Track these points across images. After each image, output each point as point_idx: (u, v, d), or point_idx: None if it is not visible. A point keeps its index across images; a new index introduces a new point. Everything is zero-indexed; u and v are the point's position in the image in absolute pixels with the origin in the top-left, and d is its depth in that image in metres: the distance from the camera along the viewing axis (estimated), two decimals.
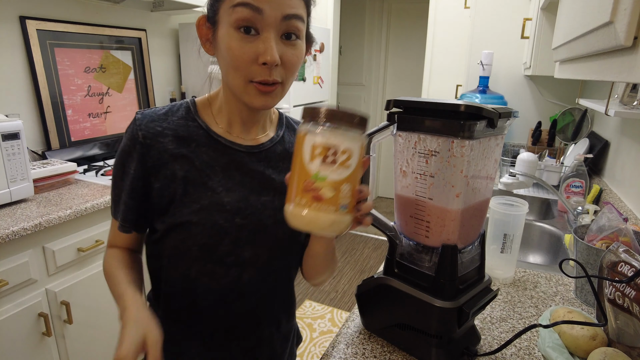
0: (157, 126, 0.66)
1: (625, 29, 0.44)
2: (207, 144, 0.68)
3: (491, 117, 0.59)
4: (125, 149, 0.67)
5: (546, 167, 1.83)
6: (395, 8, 4.15)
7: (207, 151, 0.67)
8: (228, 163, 0.68)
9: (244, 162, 0.69)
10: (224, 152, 0.68)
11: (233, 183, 0.68)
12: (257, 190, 0.69)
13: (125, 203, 0.68)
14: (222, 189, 0.67)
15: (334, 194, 0.50)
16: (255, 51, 0.58)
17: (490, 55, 2.24)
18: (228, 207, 0.66)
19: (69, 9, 1.87)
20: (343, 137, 0.50)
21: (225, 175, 0.68)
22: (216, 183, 0.67)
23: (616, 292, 0.67)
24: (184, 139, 0.67)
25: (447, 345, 0.69)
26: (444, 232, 0.65)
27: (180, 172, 0.65)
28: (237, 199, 0.67)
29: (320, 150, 0.49)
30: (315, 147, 0.50)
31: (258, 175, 0.70)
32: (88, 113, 2.00)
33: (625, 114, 1.07)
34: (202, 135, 0.68)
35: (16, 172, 1.33)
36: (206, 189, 0.66)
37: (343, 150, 0.50)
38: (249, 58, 0.58)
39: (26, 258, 1.24)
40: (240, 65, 0.59)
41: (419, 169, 0.65)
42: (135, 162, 0.66)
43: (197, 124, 0.68)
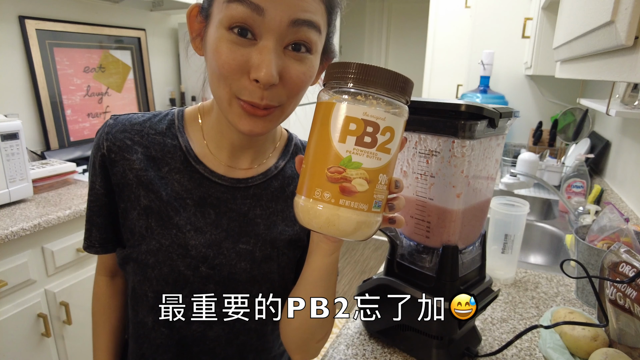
0: (127, 139, 0.56)
1: (626, 28, 0.44)
2: (181, 170, 0.56)
3: (492, 117, 0.58)
4: (90, 159, 0.59)
5: (547, 167, 1.83)
6: (395, 8, 4.16)
7: (181, 179, 0.56)
8: (203, 197, 0.57)
9: (224, 198, 0.57)
10: (201, 183, 0.57)
11: (205, 223, 0.56)
12: (234, 235, 0.57)
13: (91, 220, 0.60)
14: (190, 228, 0.56)
15: (369, 186, 0.38)
16: (247, 60, 0.45)
17: (491, 55, 2.23)
18: (193, 252, 0.55)
19: (68, 9, 1.87)
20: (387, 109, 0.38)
21: (197, 211, 0.56)
22: (184, 220, 0.55)
23: (617, 293, 0.67)
24: (154, 160, 0.56)
25: (447, 346, 0.69)
26: (444, 233, 0.65)
27: (144, 200, 0.55)
28: (206, 244, 0.56)
29: (356, 127, 0.37)
30: (350, 121, 0.37)
31: (239, 216, 0.58)
32: (87, 113, 2.00)
33: (627, 114, 1.07)
34: (178, 158, 0.57)
35: (15, 172, 1.33)
36: (170, 225, 0.55)
37: (385, 128, 0.38)
38: (238, 67, 0.45)
39: (25, 258, 1.24)
40: (226, 75, 0.46)
41: (420, 169, 0.65)
42: (99, 177, 0.57)
43: (177, 142, 0.57)
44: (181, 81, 2.51)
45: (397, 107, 0.40)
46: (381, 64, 4.22)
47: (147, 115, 0.60)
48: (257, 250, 0.58)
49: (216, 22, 0.46)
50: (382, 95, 0.38)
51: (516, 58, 2.40)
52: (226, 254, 0.57)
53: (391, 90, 0.39)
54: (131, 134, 0.57)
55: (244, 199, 0.58)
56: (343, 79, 0.38)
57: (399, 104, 0.40)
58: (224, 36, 0.45)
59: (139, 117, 0.59)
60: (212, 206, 0.57)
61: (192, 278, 0.56)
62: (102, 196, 0.58)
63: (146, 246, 0.56)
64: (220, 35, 0.45)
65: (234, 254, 0.57)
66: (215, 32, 0.46)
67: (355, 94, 0.38)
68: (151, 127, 0.58)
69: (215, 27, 0.47)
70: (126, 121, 0.58)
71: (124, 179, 0.56)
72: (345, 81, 0.38)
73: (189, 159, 0.57)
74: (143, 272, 0.56)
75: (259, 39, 0.45)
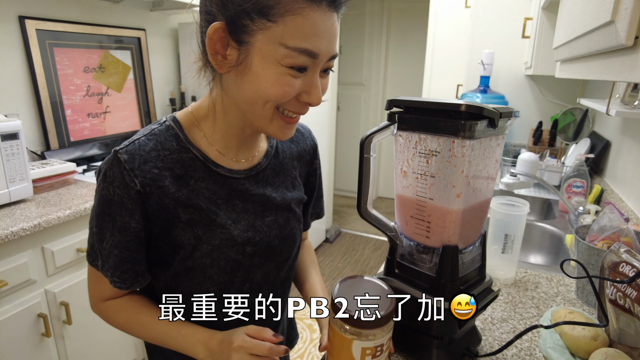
0: (154, 168, 0.59)
1: (626, 28, 0.44)
2: (205, 177, 0.63)
3: (492, 117, 0.58)
4: (115, 200, 0.58)
5: (547, 167, 1.83)
6: (395, 8, 4.15)
7: (207, 186, 0.63)
8: (229, 193, 0.65)
9: (244, 188, 0.66)
10: (224, 182, 0.64)
11: (237, 213, 0.65)
12: (260, 213, 0.68)
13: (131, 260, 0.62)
14: (229, 222, 0.64)
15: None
16: (300, 88, 0.56)
17: (491, 55, 2.23)
18: (238, 239, 0.65)
19: (69, 9, 1.87)
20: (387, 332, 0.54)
21: (228, 206, 0.65)
22: (222, 218, 0.63)
23: (617, 293, 0.67)
24: (181, 178, 0.61)
25: (447, 346, 0.69)
26: (444, 233, 0.65)
27: (185, 216, 0.61)
28: (245, 229, 0.66)
29: (370, 352, 0.54)
30: (366, 349, 0.54)
31: (259, 198, 0.68)
32: (87, 113, 2.00)
33: (627, 114, 1.06)
34: (199, 168, 0.63)
35: (15, 172, 1.33)
36: (215, 226, 0.63)
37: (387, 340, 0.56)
38: (294, 94, 0.56)
39: (25, 258, 1.24)
40: (280, 100, 0.55)
41: (420, 169, 0.65)
42: (135, 214, 0.59)
43: (192, 155, 0.62)
44: (181, 81, 2.51)
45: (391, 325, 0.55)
46: (381, 64, 4.23)
47: (150, 138, 0.61)
48: (279, 218, 0.70)
49: (268, 57, 0.53)
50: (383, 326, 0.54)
51: (516, 58, 2.40)
52: (260, 229, 0.67)
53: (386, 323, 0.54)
54: (154, 162, 0.59)
55: (257, 184, 0.68)
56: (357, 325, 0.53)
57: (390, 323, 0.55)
58: (283, 72, 0.53)
59: (146, 143, 0.60)
60: (237, 198, 0.66)
61: (242, 259, 0.66)
62: (140, 232, 0.60)
63: (199, 252, 0.63)
64: (280, 72, 0.53)
65: (265, 227, 0.68)
66: (270, 69, 0.53)
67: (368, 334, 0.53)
68: (163, 148, 0.61)
69: (266, 62, 0.53)
70: (140, 151, 0.59)
71: (160, 205, 0.60)
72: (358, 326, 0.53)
73: (209, 166, 0.63)
74: (202, 274, 0.64)
75: (308, 70, 0.55)
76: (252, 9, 0.50)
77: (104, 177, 0.58)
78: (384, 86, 4.39)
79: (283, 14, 0.50)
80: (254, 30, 0.52)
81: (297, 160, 0.77)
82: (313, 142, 0.82)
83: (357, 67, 4.39)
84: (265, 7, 0.50)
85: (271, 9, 0.50)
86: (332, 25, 0.54)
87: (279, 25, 0.51)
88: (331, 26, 0.54)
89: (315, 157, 0.82)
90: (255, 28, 0.51)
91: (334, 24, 0.54)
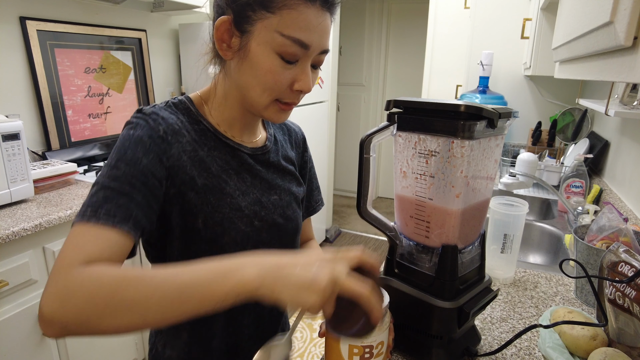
0: (175, 123, 0.62)
1: (625, 29, 0.44)
2: (218, 147, 0.66)
3: (491, 117, 0.59)
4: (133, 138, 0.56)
5: (546, 167, 1.83)
6: (395, 8, 4.16)
7: (219, 155, 0.66)
8: (239, 166, 0.68)
9: (251, 164, 0.70)
10: (234, 155, 0.68)
11: (246, 186, 0.68)
12: (266, 191, 0.71)
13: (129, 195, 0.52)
14: (238, 193, 0.66)
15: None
16: (292, 77, 0.61)
17: (490, 56, 2.23)
18: (246, 211, 0.66)
19: (69, 10, 1.87)
20: (376, 332, 0.54)
21: (239, 178, 0.67)
22: (232, 188, 0.66)
23: (616, 292, 0.67)
24: (197, 142, 0.64)
25: (447, 346, 0.69)
26: (444, 233, 0.65)
27: (200, 180, 0.62)
28: (252, 202, 0.68)
29: (358, 351, 0.54)
30: (353, 348, 0.54)
31: (264, 176, 0.71)
32: (88, 113, 2.00)
33: (626, 114, 1.07)
34: (210, 138, 0.66)
35: (16, 172, 1.33)
36: (224, 195, 0.64)
37: (378, 344, 0.55)
38: (287, 83, 0.61)
39: (26, 259, 1.24)
40: (275, 88, 0.60)
41: (419, 169, 0.65)
42: (150, 153, 0.56)
43: (204, 126, 0.66)
44: (182, 82, 2.52)
45: (385, 324, 0.55)
46: (381, 64, 4.23)
47: (166, 107, 0.65)
48: (283, 199, 0.73)
49: (265, 45, 0.58)
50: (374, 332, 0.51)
51: (515, 58, 2.41)
52: (266, 206, 0.70)
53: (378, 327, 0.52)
54: (175, 119, 0.63)
55: (261, 164, 0.72)
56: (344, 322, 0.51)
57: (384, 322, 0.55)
58: (275, 60, 0.58)
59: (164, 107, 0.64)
60: (246, 171, 0.69)
61: (251, 233, 0.67)
62: (150, 174, 0.55)
63: (212, 220, 0.63)
64: (272, 59, 0.58)
65: (270, 205, 0.70)
66: (264, 53, 0.58)
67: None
68: (178, 114, 0.65)
69: (263, 49, 0.58)
70: (161, 111, 0.62)
71: (178, 161, 0.60)
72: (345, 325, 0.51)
73: (219, 137, 0.67)
74: (216, 242, 0.64)
75: (299, 61, 0.60)
76: (255, 2, 0.57)
77: (127, 124, 0.59)
78: (383, 87, 4.39)
79: (281, 7, 0.56)
80: (254, 20, 0.58)
81: (292, 149, 0.81)
82: (302, 135, 0.87)
83: (357, 68, 4.39)
84: (266, 0, 0.57)
85: (271, 2, 0.57)
86: (323, 22, 0.60)
87: (277, 16, 0.57)
88: (323, 22, 0.59)
89: (305, 150, 0.86)
90: (256, 18, 0.58)
91: (326, 21, 0.60)
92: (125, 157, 0.54)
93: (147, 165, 0.55)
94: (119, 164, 0.53)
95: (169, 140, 0.59)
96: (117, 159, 0.54)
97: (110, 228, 0.49)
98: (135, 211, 0.52)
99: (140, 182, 0.54)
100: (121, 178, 0.53)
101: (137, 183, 0.53)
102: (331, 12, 0.61)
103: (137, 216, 0.52)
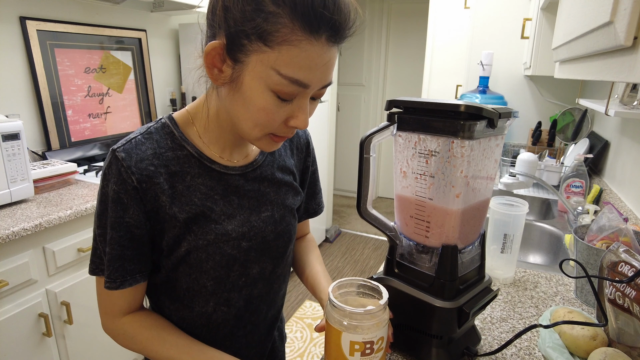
0: (150, 165, 0.60)
1: (625, 29, 0.44)
2: (201, 173, 0.64)
3: (491, 117, 0.59)
4: (111, 195, 0.59)
5: (546, 167, 1.83)
6: (395, 8, 4.16)
7: (204, 182, 0.64)
8: (225, 189, 0.66)
9: (240, 185, 0.67)
10: (220, 178, 0.65)
11: (233, 208, 0.66)
12: (256, 209, 0.69)
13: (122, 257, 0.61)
14: (224, 217, 0.65)
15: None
16: (288, 114, 0.57)
17: (490, 56, 2.24)
18: (233, 234, 0.65)
19: (69, 10, 1.87)
20: (377, 328, 0.55)
21: (225, 201, 0.65)
22: (217, 213, 0.64)
23: (616, 292, 0.67)
24: (177, 175, 0.62)
25: (447, 346, 0.69)
26: (444, 232, 0.65)
27: (182, 215, 0.61)
28: (240, 224, 0.66)
29: (359, 347, 0.54)
30: (354, 343, 0.54)
31: (254, 194, 0.69)
32: (88, 113, 2.00)
33: (625, 114, 1.07)
34: (195, 164, 0.63)
35: (16, 172, 1.33)
36: (209, 222, 0.63)
37: (378, 340, 0.55)
38: (280, 120, 0.57)
39: (26, 258, 1.24)
40: (267, 125, 0.57)
41: (419, 169, 0.65)
42: (131, 209, 0.59)
43: (187, 152, 0.63)
44: (182, 82, 2.52)
45: (382, 321, 0.56)
46: (381, 64, 4.23)
47: (145, 137, 0.62)
48: (276, 213, 0.71)
49: (258, 79, 0.53)
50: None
51: (515, 58, 2.41)
52: (256, 224, 0.68)
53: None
54: (150, 160, 0.60)
55: (253, 180, 0.69)
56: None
57: (382, 317, 0.56)
58: (270, 98, 0.54)
59: (142, 141, 0.61)
60: (233, 193, 0.67)
61: (238, 254, 0.66)
62: (134, 228, 0.60)
63: (195, 247, 0.63)
64: (266, 97, 0.54)
65: (260, 223, 0.69)
66: (257, 89, 0.54)
67: (356, 326, 0.54)
68: (159, 146, 0.62)
69: (257, 83, 0.53)
70: (136, 149, 0.60)
71: (157, 202, 0.60)
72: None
73: (204, 162, 0.64)
74: (199, 267, 0.64)
75: (297, 97, 0.56)
76: (251, 31, 0.50)
77: (103, 176, 0.60)
78: (383, 87, 4.39)
79: (280, 42, 0.50)
80: (250, 51, 0.52)
81: (291, 157, 0.78)
82: (307, 139, 0.82)
83: (357, 68, 4.39)
84: (264, 32, 0.50)
85: (269, 35, 0.50)
86: (329, 59, 0.53)
87: (275, 51, 0.51)
88: (328, 60, 0.53)
89: (308, 155, 0.82)
90: (252, 49, 0.52)
91: (332, 56, 0.54)
92: (110, 219, 0.60)
93: (130, 221, 0.60)
94: (109, 230, 0.60)
95: (144, 187, 0.59)
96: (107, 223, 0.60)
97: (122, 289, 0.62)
98: (130, 266, 0.62)
99: (127, 239, 0.60)
100: (111, 242, 0.60)
101: (125, 242, 0.60)
102: (339, 43, 0.54)
103: (132, 269, 0.62)
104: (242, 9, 0.50)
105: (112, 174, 0.59)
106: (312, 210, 0.86)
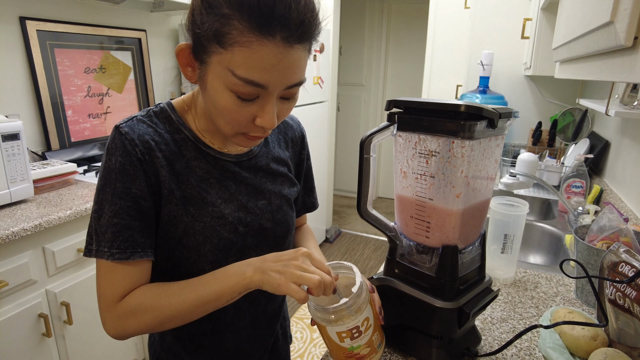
0: (150, 140, 0.61)
1: (625, 29, 0.44)
2: (198, 157, 0.65)
3: (491, 118, 0.59)
4: (116, 167, 0.58)
5: (546, 168, 1.83)
6: (395, 8, 4.16)
7: (200, 164, 0.65)
8: (222, 174, 0.67)
9: (236, 171, 0.68)
10: (216, 164, 0.67)
11: (229, 193, 0.67)
12: (252, 196, 0.70)
13: (130, 227, 0.59)
14: (220, 201, 0.66)
15: (370, 347, 0.60)
16: (252, 114, 0.57)
17: (490, 56, 2.23)
18: (230, 218, 0.66)
19: (69, 10, 1.87)
20: (357, 314, 0.57)
21: (221, 186, 0.66)
22: (214, 196, 0.65)
23: (617, 293, 0.67)
24: (174, 155, 0.63)
25: (447, 346, 0.69)
26: (444, 233, 0.65)
27: (178, 192, 0.62)
28: (236, 209, 0.67)
29: (346, 334, 0.58)
30: (340, 333, 0.58)
31: (251, 181, 0.70)
32: (88, 114, 2.00)
33: (626, 114, 1.07)
34: (191, 147, 0.65)
35: (16, 172, 1.33)
36: (206, 204, 0.64)
37: (363, 322, 0.58)
38: (246, 120, 0.57)
39: (26, 259, 1.24)
40: (235, 124, 0.58)
41: (419, 169, 0.65)
42: (137, 180, 0.59)
43: (184, 135, 0.65)
44: (182, 82, 2.51)
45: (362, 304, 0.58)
46: (381, 64, 4.23)
47: (145, 117, 0.64)
48: (272, 202, 0.72)
49: (218, 79, 0.54)
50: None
51: (515, 58, 2.41)
52: (252, 211, 0.69)
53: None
54: (151, 135, 0.62)
55: (248, 170, 0.70)
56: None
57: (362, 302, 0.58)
58: (230, 98, 0.55)
59: (143, 119, 0.63)
60: (230, 179, 0.68)
61: (235, 239, 0.67)
62: (141, 199, 0.60)
63: (193, 229, 0.63)
64: (226, 96, 0.55)
65: (257, 210, 0.70)
66: (218, 89, 0.55)
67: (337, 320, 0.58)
68: (158, 128, 0.63)
69: (218, 83, 0.55)
70: (138, 125, 0.62)
71: (157, 178, 0.61)
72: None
73: (200, 146, 0.66)
74: (197, 250, 0.64)
75: (260, 97, 0.56)
76: (208, 33, 0.52)
77: (107, 150, 0.60)
78: (383, 87, 4.39)
79: (232, 44, 0.51)
80: (210, 52, 0.54)
81: (285, 149, 0.79)
82: (301, 132, 0.83)
83: (357, 68, 4.39)
84: (218, 34, 0.52)
85: (223, 37, 0.51)
86: (286, 59, 0.52)
87: (229, 52, 0.52)
88: (285, 59, 0.52)
89: (303, 148, 0.83)
90: (211, 50, 0.53)
91: (290, 57, 0.53)
92: (116, 190, 0.59)
93: (136, 192, 0.59)
94: (114, 200, 0.59)
95: (147, 159, 0.60)
96: (112, 194, 0.59)
97: (128, 263, 0.59)
98: (140, 239, 0.60)
99: (135, 209, 0.59)
100: (120, 212, 0.58)
101: (133, 212, 0.59)
102: (301, 43, 0.53)
103: (143, 242, 0.60)
104: (201, 12, 0.53)
105: (117, 147, 0.59)
106: (309, 205, 0.87)
